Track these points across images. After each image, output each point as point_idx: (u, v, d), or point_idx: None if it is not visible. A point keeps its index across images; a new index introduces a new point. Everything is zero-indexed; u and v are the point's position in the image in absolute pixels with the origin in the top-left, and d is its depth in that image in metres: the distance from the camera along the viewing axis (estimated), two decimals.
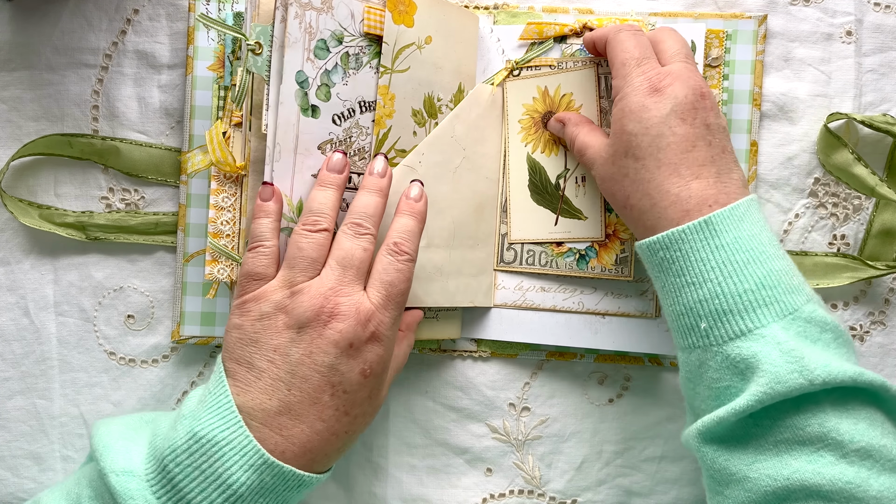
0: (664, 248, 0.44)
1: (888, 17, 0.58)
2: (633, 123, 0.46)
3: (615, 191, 0.48)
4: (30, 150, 0.58)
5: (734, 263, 0.43)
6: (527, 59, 0.57)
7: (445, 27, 0.55)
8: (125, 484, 0.42)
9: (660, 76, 0.46)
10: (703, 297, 0.43)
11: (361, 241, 0.46)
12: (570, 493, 0.60)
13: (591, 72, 0.56)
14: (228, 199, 0.54)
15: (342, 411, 0.45)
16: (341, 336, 0.44)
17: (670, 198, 0.45)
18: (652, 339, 0.56)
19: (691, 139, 0.45)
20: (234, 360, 0.45)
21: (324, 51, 0.49)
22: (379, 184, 0.48)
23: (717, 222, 0.43)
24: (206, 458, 0.42)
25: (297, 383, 0.44)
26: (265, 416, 0.44)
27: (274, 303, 0.45)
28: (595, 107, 0.56)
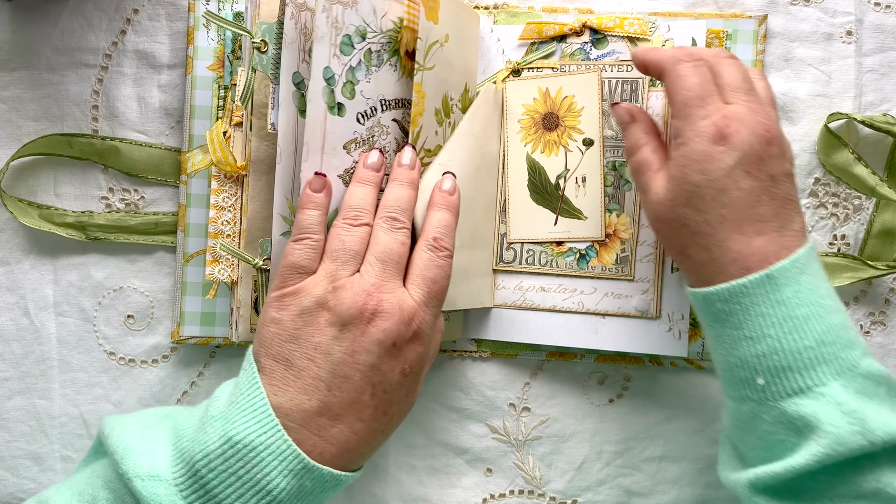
0: (723, 301, 0.43)
1: (888, 17, 0.58)
2: (697, 174, 0.44)
3: (671, 237, 0.46)
4: (30, 150, 0.58)
5: (794, 319, 0.42)
6: (529, 60, 0.57)
7: (458, 26, 0.54)
8: (152, 489, 0.40)
9: (726, 121, 0.43)
10: (761, 352, 0.42)
11: (398, 235, 0.45)
12: (570, 493, 0.60)
13: (595, 76, 0.56)
14: (229, 199, 0.54)
15: (381, 410, 0.44)
16: (385, 335, 0.43)
17: (731, 255, 0.43)
18: (652, 339, 0.56)
19: (756, 194, 0.43)
20: (272, 356, 0.43)
21: (349, 46, 0.48)
22: (410, 175, 0.48)
23: (779, 276, 0.42)
24: (242, 464, 0.40)
25: (338, 383, 0.42)
26: (304, 417, 0.42)
27: (315, 297, 0.43)
28: (597, 110, 0.56)
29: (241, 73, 0.51)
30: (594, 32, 0.57)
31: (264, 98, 0.50)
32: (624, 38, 0.56)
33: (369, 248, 0.45)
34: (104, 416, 0.59)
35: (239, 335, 0.52)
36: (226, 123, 0.53)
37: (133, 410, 0.59)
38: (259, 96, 0.50)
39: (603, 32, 0.56)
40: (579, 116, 0.57)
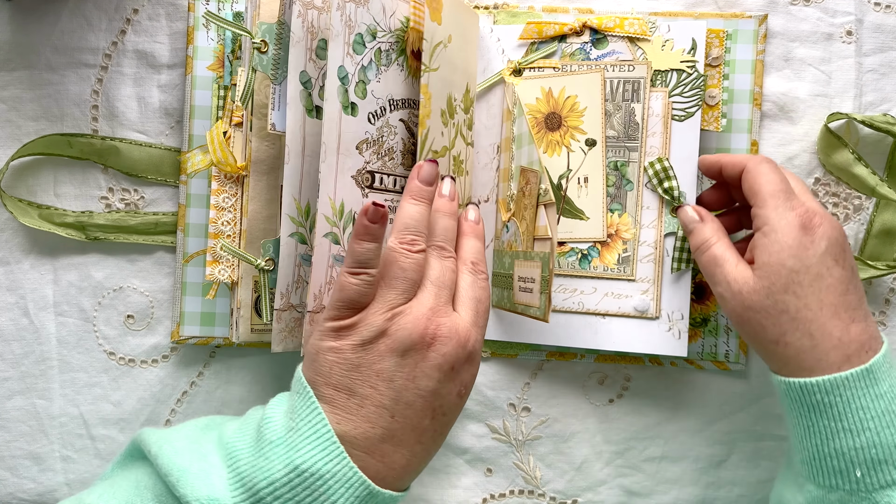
0: (824, 392, 0.44)
1: (888, 16, 0.58)
2: (792, 260, 0.45)
3: (767, 325, 0.46)
4: (29, 149, 0.58)
5: (892, 413, 0.44)
6: (530, 60, 0.57)
7: (460, 26, 0.54)
8: None
9: (810, 214, 0.46)
10: (860, 444, 0.44)
11: (449, 263, 0.47)
12: (570, 493, 0.60)
13: (598, 76, 0.56)
14: (229, 199, 0.54)
15: (439, 433, 0.44)
16: (444, 359, 0.43)
17: (833, 341, 0.45)
18: (652, 338, 0.56)
19: (845, 282, 0.45)
20: (332, 385, 0.42)
21: (361, 45, 0.48)
22: (452, 206, 0.49)
23: (877, 370, 0.44)
24: (309, 493, 0.40)
25: (401, 410, 0.42)
26: (369, 444, 0.42)
27: (376, 327, 0.43)
28: (600, 110, 0.56)
29: (241, 73, 0.51)
30: (594, 32, 0.57)
31: (264, 98, 0.50)
32: (624, 38, 0.56)
33: (426, 274, 0.45)
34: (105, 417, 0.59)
35: (239, 335, 0.52)
36: (226, 123, 0.53)
37: (133, 410, 0.59)
38: (259, 96, 0.50)
39: (603, 32, 0.56)
40: (582, 116, 0.56)
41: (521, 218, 0.53)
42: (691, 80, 0.55)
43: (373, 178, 0.50)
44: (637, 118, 0.56)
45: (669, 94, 0.55)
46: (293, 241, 0.48)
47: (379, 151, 0.50)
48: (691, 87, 0.55)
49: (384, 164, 0.50)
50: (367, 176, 0.49)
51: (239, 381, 0.60)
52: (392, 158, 0.51)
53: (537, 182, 0.51)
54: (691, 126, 0.55)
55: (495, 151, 0.58)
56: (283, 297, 0.48)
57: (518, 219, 0.53)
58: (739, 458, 0.59)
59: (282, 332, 0.47)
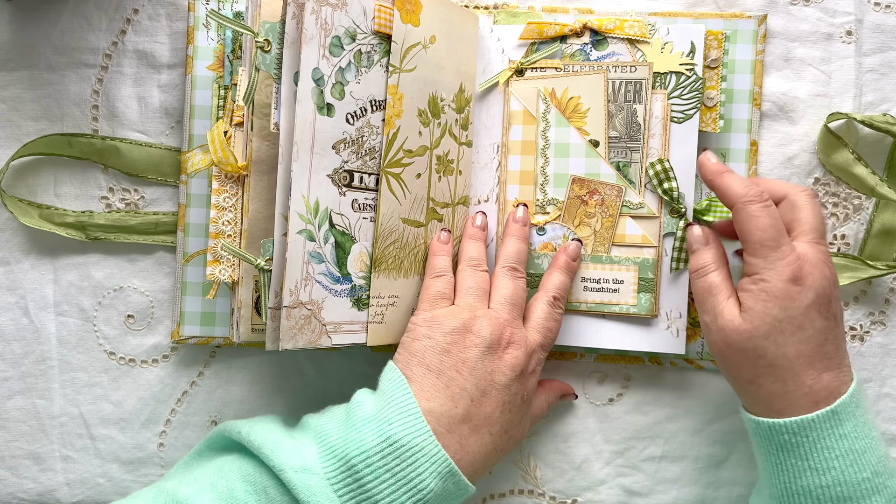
0: (791, 433, 0.46)
1: (888, 16, 0.58)
2: (778, 310, 0.46)
3: (743, 365, 0.48)
4: (30, 149, 0.58)
5: (855, 452, 0.45)
6: (532, 60, 0.57)
7: (448, 27, 0.55)
8: (305, 481, 0.43)
9: (800, 264, 0.47)
10: (826, 483, 0.45)
11: (520, 283, 0.54)
12: (569, 492, 0.60)
13: (601, 77, 0.56)
14: (230, 199, 0.54)
15: (504, 429, 0.50)
16: (517, 361, 0.50)
17: (804, 388, 0.46)
18: (651, 337, 0.56)
19: (825, 333, 0.47)
20: (424, 365, 0.49)
21: (338, 48, 0.49)
22: (523, 231, 0.55)
23: (841, 412, 0.46)
24: (398, 462, 0.45)
25: (479, 396, 0.48)
26: (451, 421, 0.47)
27: (462, 321, 0.50)
28: (603, 111, 0.56)
29: (241, 72, 0.51)
30: (594, 34, 0.57)
31: (266, 98, 0.50)
32: (624, 40, 0.56)
33: (498, 291, 0.53)
34: (104, 417, 0.59)
35: (240, 335, 0.52)
36: (226, 123, 0.53)
37: (133, 410, 0.60)
38: (260, 96, 0.50)
39: (603, 34, 0.56)
40: (585, 117, 0.57)
41: (580, 224, 0.57)
42: (690, 83, 0.55)
43: (351, 178, 0.51)
44: (639, 119, 0.56)
45: (668, 96, 0.55)
46: (302, 239, 0.48)
47: (359, 151, 0.51)
48: (690, 89, 0.55)
49: (364, 164, 0.51)
50: (345, 175, 0.50)
51: (239, 381, 0.60)
52: (374, 158, 0.52)
53: (619, 196, 0.56)
54: (690, 128, 0.55)
55: (495, 151, 0.58)
56: (293, 295, 0.48)
57: (573, 224, 0.57)
58: (739, 457, 0.59)
59: (291, 330, 0.48)
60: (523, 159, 0.58)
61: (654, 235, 0.56)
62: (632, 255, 0.56)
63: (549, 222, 0.57)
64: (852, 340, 0.58)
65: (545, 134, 0.57)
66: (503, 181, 0.58)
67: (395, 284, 0.54)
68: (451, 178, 0.57)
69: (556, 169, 0.57)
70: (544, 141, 0.57)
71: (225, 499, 0.44)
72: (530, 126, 0.57)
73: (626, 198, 0.56)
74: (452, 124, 0.56)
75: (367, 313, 0.52)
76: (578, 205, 0.57)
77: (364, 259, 0.52)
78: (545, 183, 0.57)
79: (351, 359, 0.60)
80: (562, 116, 0.57)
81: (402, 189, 0.53)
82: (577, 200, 0.57)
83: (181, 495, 0.44)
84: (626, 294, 0.56)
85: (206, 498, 0.44)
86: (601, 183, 0.56)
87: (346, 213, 0.51)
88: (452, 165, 0.57)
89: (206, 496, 0.44)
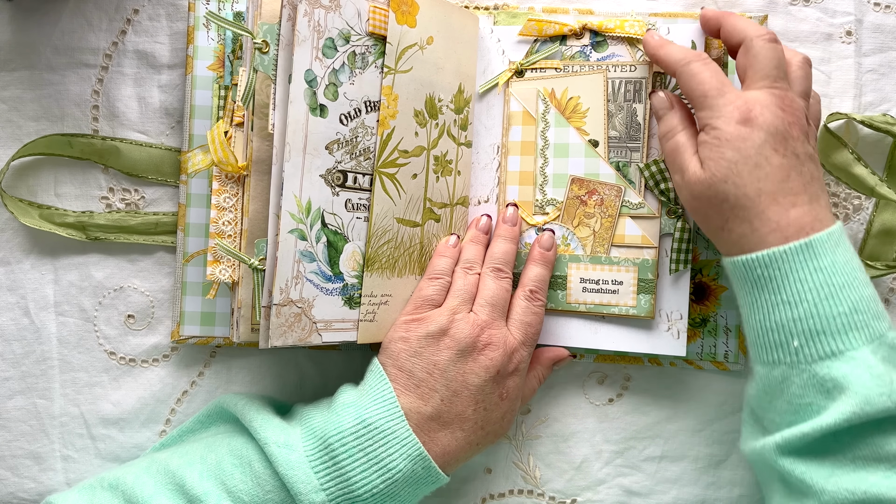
0: (763, 267, 0.46)
1: (888, 17, 0.58)
2: (732, 151, 0.46)
3: (710, 213, 0.48)
4: (30, 150, 0.58)
5: (831, 286, 0.44)
6: (532, 60, 0.57)
7: (446, 28, 0.55)
8: (287, 456, 0.47)
9: (748, 105, 0.47)
10: (798, 315, 0.44)
11: (503, 283, 0.54)
12: (569, 492, 0.60)
13: (600, 76, 0.56)
14: (230, 199, 0.54)
15: (479, 425, 0.52)
16: (492, 363, 0.51)
17: (771, 225, 0.46)
18: (652, 339, 0.56)
19: (785, 169, 0.46)
20: (398, 367, 0.51)
21: (332, 49, 0.49)
22: (512, 232, 0.56)
23: (818, 246, 0.45)
24: (372, 443, 0.48)
25: (450, 396, 0.51)
26: (419, 418, 0.50)
27: (439, 325, 0.52)
28: (603, 111, 0.56)
29: (241, 73, 0.52)
30: (594, 35, 0.57)
31: (266, 98, 0.50)
32: (624, 40, 0.56)
33: (480, 293, 0.54)
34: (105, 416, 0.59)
35: (240, 335, 0.52)
36: (227, 123, 0.53)
37: (133, 410, 0.60)
38: (261, 96, 0.50)
39: (603, 34, 0.56)
40: (584, 117, 0.56)
41: (578, 224, 0.56)
42: None
43: (345, 178, 0.51)
44: (639, 118, 0.55)
45: None
46: (293, 238, 0.48)
47: (353, 152, 0.51)
48: None
49: (359, 164, 0.52)
50: (339, 175, 0.51)
51: (239, 380, 0.60)
52: (368, 158, 0.52)
53: (618, 196, 0.55)
54: None
55: (495, 152, 0.58)
56: (283, 293, 0.48)
57: (572, 225, 0.56)
58: (739, 457, 0.59)
59: (281, 327, 0.48)
60: (523, 160, 0.58)
61: (654, 236, 0.56)
62: (631, 256, 0.56)
63: (548, 223, 0.57)
64: None
65: (544, 134, 0.57)
66: (503, 182, 0.58)
67: (387, 284, 0.54)
68: (450, 178, 0.57)
69: (556, 169, 0.57)
70: (543, 141, 0.57)
71: (213, 470, 0.48)
72: (530, 126, 0.57)
73: (626, 198, 0.56)
74: (451, 125, 0.56)
75: (359, 311, 0.53)
76: (577, 205, 0.56)
77: (357, 258, 0.52)
78: (544, 183, 0.57)
79: (351, 359, 0.60)
80: (561, 117, 0.57)
81: (396, 189, 0.53)
82: (576, 201, 0.56)
83: (172, 465, 0.49)
84: (625, 295, 0.56)
85: (196, 469, 0.49)
86: (600, 183, 0.56)
87: (339, 213, 0.51)
88: (451, 166, 0.57)
89: (196, 467, 0.49)
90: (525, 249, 0.57)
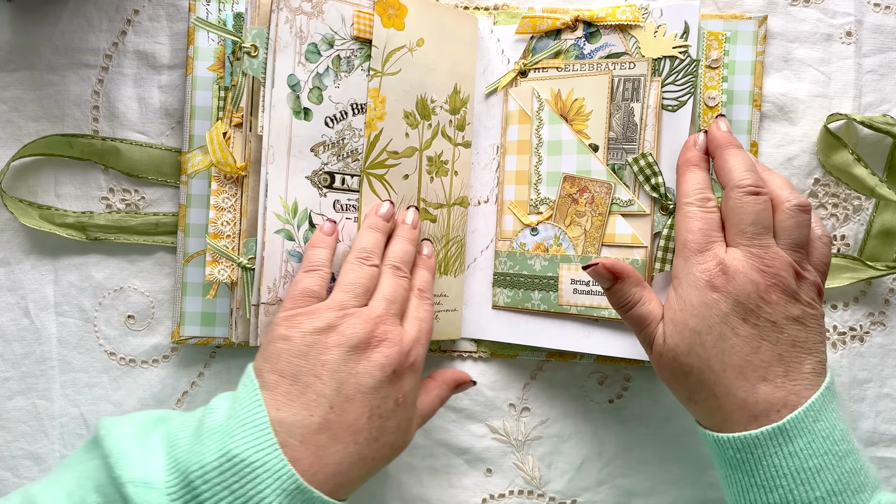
0: (735, 449, 0.44)
1: (888, 17, 0.58)
2: (694, 320, 0.44)
3: (676, 386, 0.47)
4: (30, 150, 0.58)
5: (806, 472, 0.42)
6: (534, 60, 0.57)
7: (439, 29, 0.55)
8: (144, 496, 0.40)
9: (720, 269, 0.44)
10: (773, 500, 0.43)
11: (402, 282, 0.50)
12: (569, 493, 0.60)
13: (605, 77, 0.55)
14: (229, 199, 0.54)
15: (374, 437, 0.45)
16: (387, 361, 0.45)
17: (737, 402, 0.43)
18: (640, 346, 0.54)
19: (755, 340, 0.43)
20: (277, 371, 0.44)
21: (315, 54, 0.50)
22: (413, 234, 0.53)
23: (791, 428, 0.42)
24: (237, 479, 0.40)
25: (341, 402, 0.44)
26: (305, 432, 0.43)
27: (327, 320, 0.45)
28: (605, 113, 0.55)
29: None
30: (588, 26, 0.55)
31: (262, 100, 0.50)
32: (616, 29, 0.54)
33: (379, 289, 0.49)
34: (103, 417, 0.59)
35: (239, 335, 0.52)
36: (226, 124, 0.53)
37: (133, 410, 0.60)
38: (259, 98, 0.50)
39: (596, 24, 0.55)
40: (587, 120, 0.55)
41: (570, 223, 0.54)
42: (684, 67, 0.52)
43: (332, 179, 0.52)
44: (636, 118, 0.54)
45: (662, 83, 0.53)
46: (280, 238, 0.50)
47: (339, 153, 0.52)
48: (684, 73, 0.52)
49: (346, 165, 0.52)
50: (326, 177, 0.52)
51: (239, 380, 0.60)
52: (356, 160, 0.53)
53: (607, 192, 0.53)
54: (683, 116, 0.52)
55: (495, 152, 0.58)
56: (271, 292, 0.50)
57: (564, 224, 0.54)
58: None
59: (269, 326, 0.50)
60: (519, 159, 0.57)
61: (644, 235, 0.53)
62: (622, 256, 0.53)
63: (541, 222, 0.56)
64: (852, 340, 0.58)
65: (538, 132, 0.56)
66: (501, 182, 0.58)
67: None
68: (446, 178, 0.57)
69: (549, 167, 0.56)
70: (538, 139, 0.56)
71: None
72: (525, 125, 0.57)
73: (617, 195, 0.53)
74: (446, 125, 0.57)
75: None
76: (569, 203, 0.55)
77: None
78: (538, 182, 0.56)
79: None
80: (555, 113, 0.56)
81: (386, 190, 0.54)
82: (567, 199, 0.55)
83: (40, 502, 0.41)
84: None
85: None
86: (591, 180, 0.54)
87: (328, 214, 0.52)
88: (446, 166, 0.57)
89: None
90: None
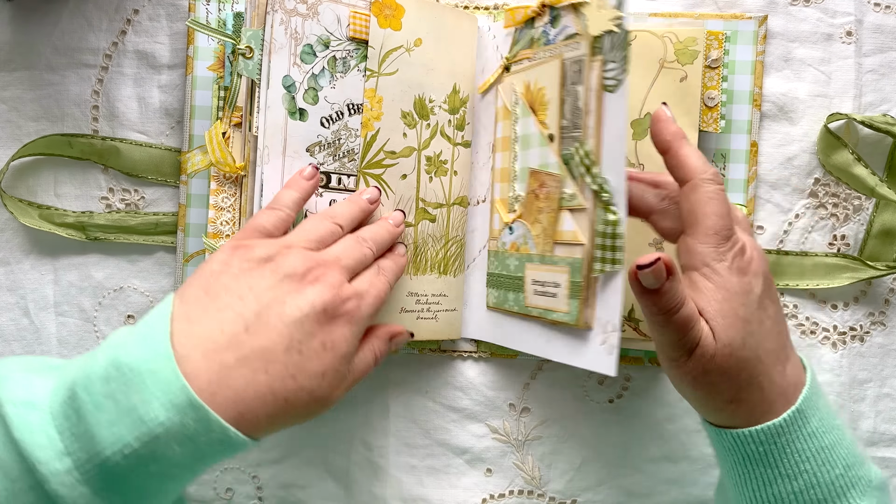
0: (758, 443, 0.42)
1: (888, 17, 0.58)
2: (743, 308, 0.41)
3: (725, 387, 0.42)
4: (30, 150, 0.58)
5: (825, 450, 0.42)
6: (513, 54, 0.56)
7: (437, 29, 0.55)
8: (24, 415, 0.35)
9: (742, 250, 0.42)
10: (799, 488, 0.42)
11: (366, 251, 0.47)
12: (569, 493, 0.60)
13: (556, 62, 0.50)
14: (228, 199, 0.54)
15: (289, 373, 0.40)
16: (319, 298, 0.42)
17: (778, 388, 0.42)
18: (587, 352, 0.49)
19: (779, 317, 0.43)
20: (202, 287, 0.41)
21: (310, 55, 0.50)
22: (391, 228, 0.51)
23: (806, 408, 0.42)
24: (121, 387, 0.36)
25: (258, 327, 0.40)
26: (210, 347, 0.38)
27: (267, 251, 0.43)
28: (557, 100, 0.50)
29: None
30: (552, 10, 0.51)
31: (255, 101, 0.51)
32: (571, 9, 0.49)
33: (334, 245, 0.46)
34: None
35: None
36: (225, 124, 0.53)
37: None
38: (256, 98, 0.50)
39: (556, 7, 0.50)
40: (546, 109, 0.51)
41: (533, 221, 0.51)
42: (619, 41, 0.45)
43: (329, 179, 0.52)
44: (580, 102, 0.47)
45: (605, 62, 0.46)
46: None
47: (336, 153, 0.52)
48: (618, 48, 0.45)
49: (343, 165, 0.52)
50: (322, 177, 0.52)
51: None
52: (352, 160, 0.53)
53: (557, 186, 0.48)
54: (620, 97, 0.45)
55: (490, 150, 0.58)
56: None
57: (529, 221, 0.51)
58: None
59: None
60: (503, 156, 0.55)
61: (584, 231, 0.47)
62: (565, 255, 0.48)
63: (514, 220, 0.53)
64: (852, 340, 0.58)
65: (514, 127, 0.54)
66: (492, 180, 0.58)
67: None
68: (445, 178, 0.57)
69: (522, 163, 0.53)
70: (514, 134, 0.54)
71: None
72: (508, 121, 0.56)
73: (564, 188, 0.48)
74: (445, 125, 0.57)
75: None
76: (533, 200, 0.51)
77: None
78: (515, 178, 0.54)
79: None
80: (526, 107, 0.53)
81: (384, 189, 0.54)
82: (532, 195, 0.51)
83: None
84: (561, 300, 0.48)
85: None
86: (547, 174, 0.50)
87: None
88: (446, 166, 0.57)
89: None
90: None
